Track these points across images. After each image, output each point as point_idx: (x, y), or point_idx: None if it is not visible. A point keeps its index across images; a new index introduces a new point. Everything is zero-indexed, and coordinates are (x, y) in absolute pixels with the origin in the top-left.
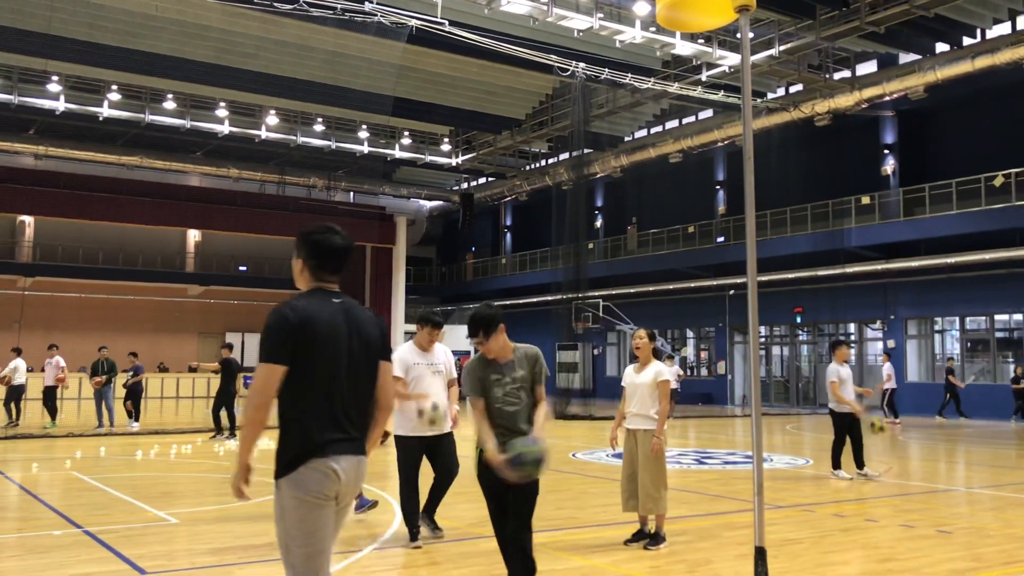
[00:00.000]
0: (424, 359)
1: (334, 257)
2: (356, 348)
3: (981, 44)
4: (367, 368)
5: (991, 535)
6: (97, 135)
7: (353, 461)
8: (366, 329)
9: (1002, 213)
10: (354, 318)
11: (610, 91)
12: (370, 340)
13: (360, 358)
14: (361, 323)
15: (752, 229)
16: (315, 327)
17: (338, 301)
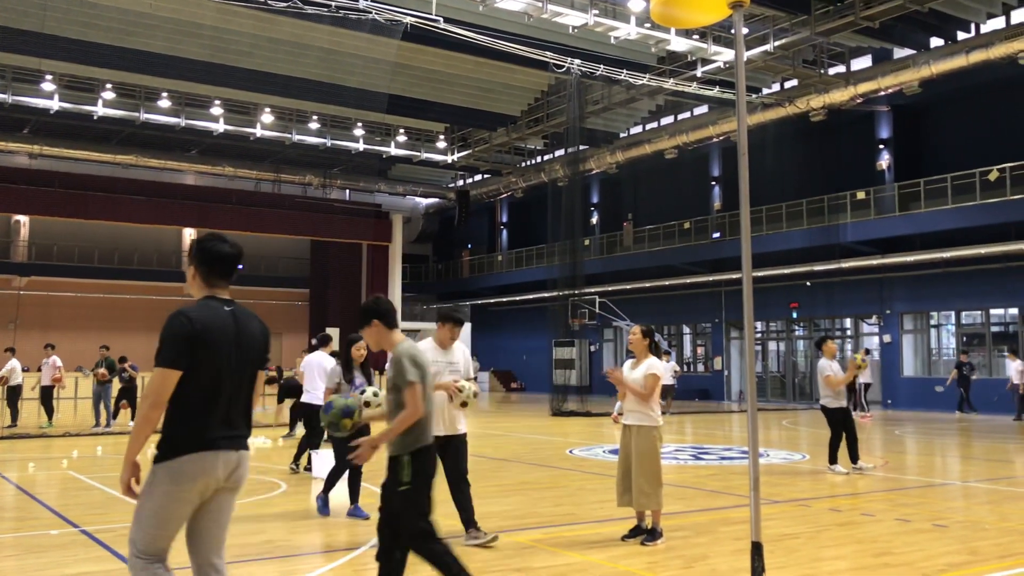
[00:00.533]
0: (443, 357)
1: (223, 264)
2: (241, 355)
3: (975, 38)
4: (250, 373)
5: (987, 529)
6: (92, 134)
7: (234, 456)
8: (253, 338)
9: (997, 207)
10: (243, 327)
11: (605, 87)
12: (254, 348)
13: (244, 364)
14: (248, 332)
15: (747, 225)
16: (209, 335)
17: (228, 309)
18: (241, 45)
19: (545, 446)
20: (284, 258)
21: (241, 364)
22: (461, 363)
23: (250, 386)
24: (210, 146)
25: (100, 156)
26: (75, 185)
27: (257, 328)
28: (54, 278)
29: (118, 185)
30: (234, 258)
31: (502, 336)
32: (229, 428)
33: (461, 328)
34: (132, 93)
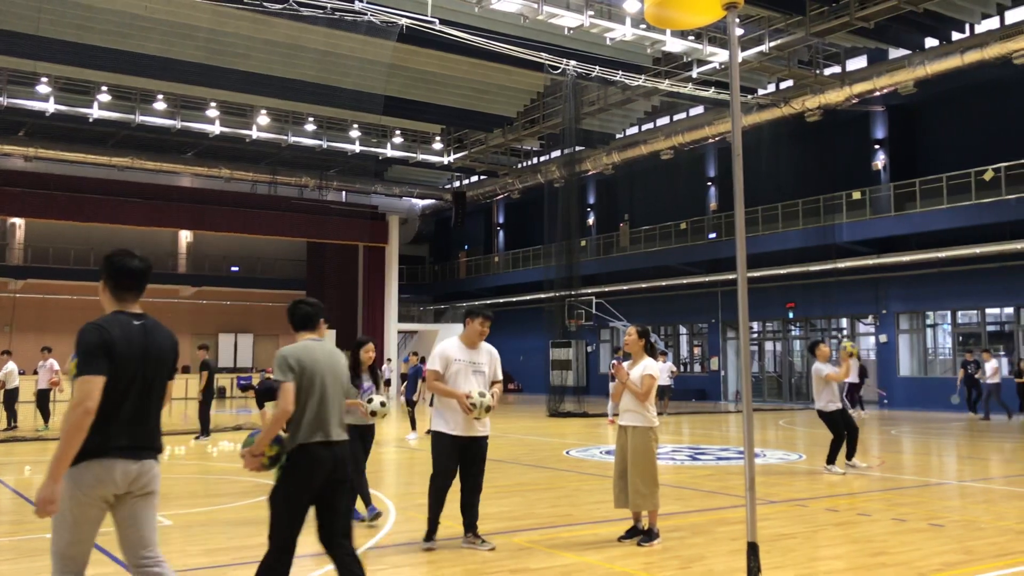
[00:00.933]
0: (467, 356)
1: (131, 279)
2: (149, 367)
3: (970, 39)
4: (158, 385)
5: (982, 528)
6: (87, 136)
7: (134, 466)
8: (161, 351)
9: (992, 207)
10: (152, 340)
11: (601, 88)
12: (163, 361)
13: (153, 376)
14: (158, 345)
15: (742, 226)
16: (116, 347)
17: (138, 323)
18: (237, 47)
19: (542, 447)
20: (280, 260)
21: (149, 376)
22: (487, 364)
23: (159, 398)
24: (206, 148)
25: (96, 158)
26: (71, 187)
27: (167, 341)
28: (50, 281)
29: (114, 187)
30: (142, 273)
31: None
32: (132, 438)
33: (490, 323)
34: (128, 95)
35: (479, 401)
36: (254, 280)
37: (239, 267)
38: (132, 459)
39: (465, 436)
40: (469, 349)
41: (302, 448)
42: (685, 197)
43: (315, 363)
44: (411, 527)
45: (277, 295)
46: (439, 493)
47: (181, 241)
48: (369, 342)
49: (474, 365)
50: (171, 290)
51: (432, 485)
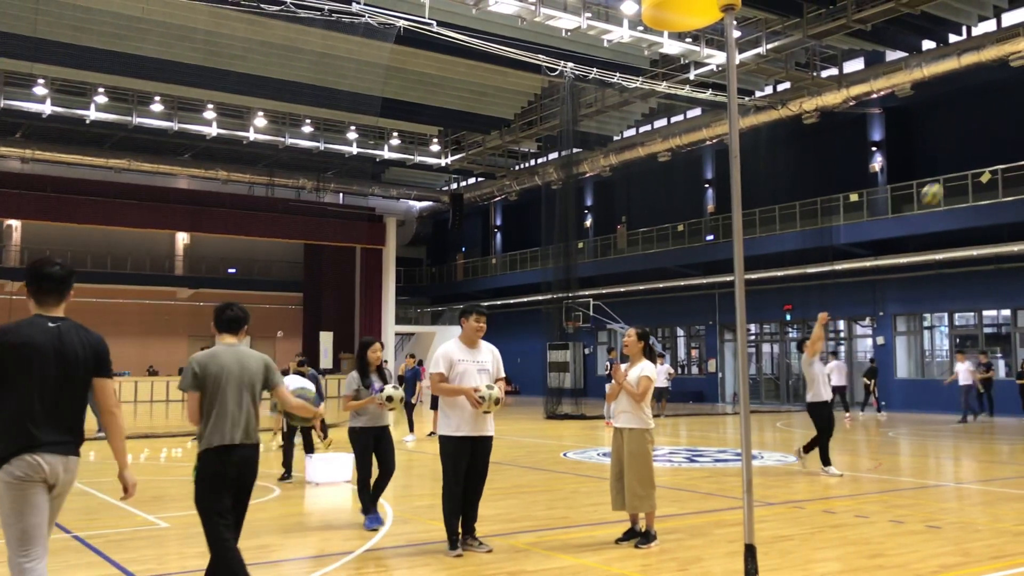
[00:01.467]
0: (470, 356)
1: (49, 283)
2: (63, 368)
3: (967, 41)
4: (76, 384)
5: (979, 530)
6: (84, 138)
7: (59, 459)
8: (75, 351)
9: (989, 209)
10: (66, 341)
11: (598, 90)
12: (77, 360)
13: (66, 376)
14: (72, 346)
15: (739, 228)
16: (24, 349)
17: (53, 326)
18: (234, 49)
19: (539, 449)
20: (278, 262)
21: (63, 376)
22: (491, 362)
23: (80, 396)
24: (203, 150)
25: (93, 160)
26: (67, 189)
27: (85, 342)
28: None
29: (111, 189)
30: (62, 279)
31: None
32: (53, 433)
33: (485, 319)
34: (124, 97)
35: (487, 394)
36: (251, 282)
37: (236, 269)
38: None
39: (471, 436)
40: (470, 349)
41: (205, 453)
42: (682, 199)
43: (221, 369)
44: (408, 529)
45: (274, 297)
46: (454, 499)
47: (178, 243)
48: (375, 342)
49: (478, 364)
50: (168, 292)
51: (445, 491)
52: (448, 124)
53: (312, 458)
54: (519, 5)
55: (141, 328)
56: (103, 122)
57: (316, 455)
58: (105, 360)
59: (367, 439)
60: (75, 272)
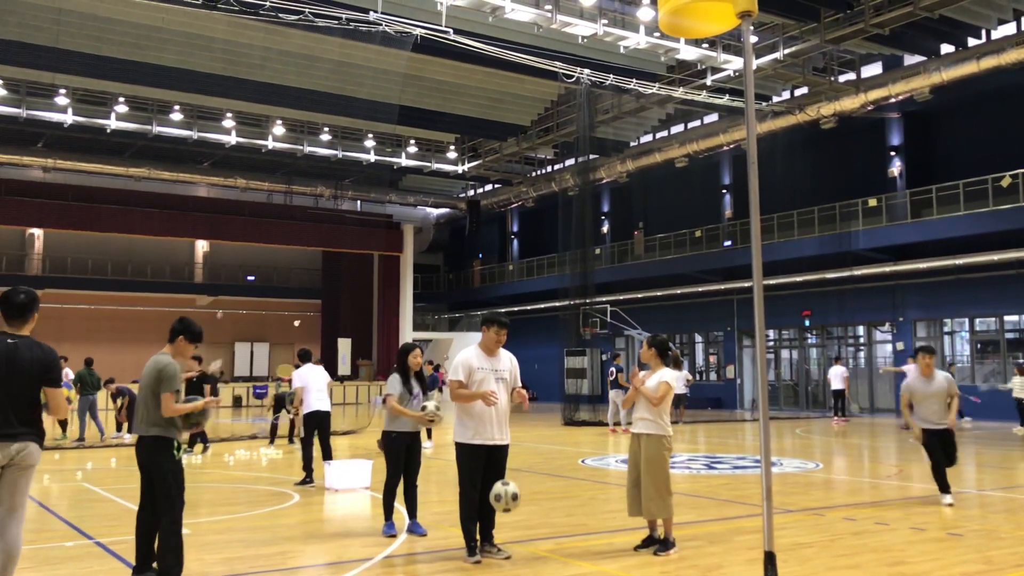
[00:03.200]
0: (488, 364)
1: (12, 310)
2: (13, 375)
3: (986, 45)
4: (26, 389)
5: (1002, 537)
6: (105, 147)
7: (12, 446)
8: (23, 364)
9: (1010, 213)
10: (16, 356)
11: (615, 96)
12: (24, 371)
13: (15, 383)
14: (20, 359)
15: (757, 234)
16: None
17: (11, 342)
18: (252, 58)
19: (557, 456)
20: (296, 269)
21: (12, 382)
22: (508, 371)
23: (28, 397)
24: (222, 158)
25: (113, 169)
26: (88, 198)
27: (36, 356)
28: (68, 290)
29: (131, 198)
30: (22, 305)
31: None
32: (6, 426)
33: (506, 331)
34: (144, 106)
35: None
36: (270, 289)
37: (255, 276)
38: (6, 440)
39: (488, 444)
40: (489, 357)
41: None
42: (700, 205)
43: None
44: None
45: (293, 304)
46: (470, 505)
47: (197, 251)
48: (416, 347)
49: (496, 372)
50: (188, 299)
51: (462, 497)
52: (465, 131)
53: (331, 464)
54: (535, 12)
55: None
56: (123, 131)
57: (336, 462)
58: (51, 371)
59: (401, 445)
60: (37, 299)
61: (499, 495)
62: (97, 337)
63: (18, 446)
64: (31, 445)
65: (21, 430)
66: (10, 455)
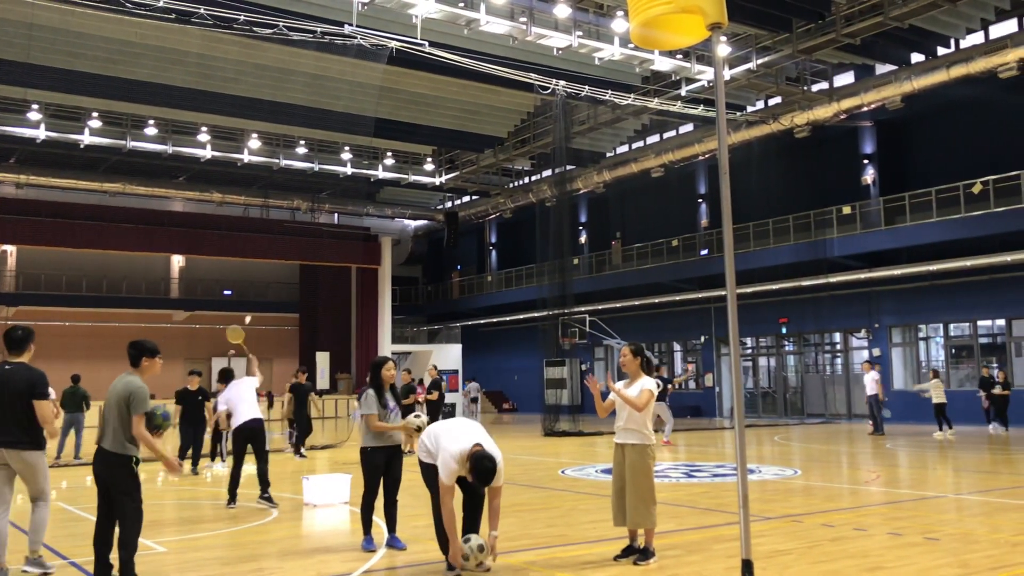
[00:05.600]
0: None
1: (10, 343)
2: (6, 393)
3: (955, 54)
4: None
5: (978, 541)
6: (78, 162)
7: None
8: (13, 384)
9: (982, 220)
10: (10, 378)
11: (591, 108)
12: (15, 389)
13: (8, 399)
14: (12, 380)
15: (730, 243)
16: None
17: (7, 368)
18: (227, 72)
19: (537, 467)
20: (273, 283)
21: (6, 398)
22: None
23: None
24: (197, 172)
25: (87, 184)
26: (62, 214)
27: (25, 377)
28: (42, 307)
29: (105, 213)
30: (19, 339)
31: (493, 357)
32: (4, 434)
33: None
34: (118, 121)
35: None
36: (247, 304)
37: (232, 291)
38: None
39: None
40: None
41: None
42: (676, 214)
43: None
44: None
45: (270, 318)
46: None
47: (173, 266)
48: (389, 360)
49: None
50: (164, 315)
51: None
52: (442, 143)
53: (310, 479)
54: (510, 24)
55: None
56: (97, 146)
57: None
58: (36, 387)
59: (379, 459)
60: (33, 334)
61: (466, 555)
62: (72, 354)
63: (15, 452)
64: (26, 452)
65: (16, 438)
66: (9, 459)
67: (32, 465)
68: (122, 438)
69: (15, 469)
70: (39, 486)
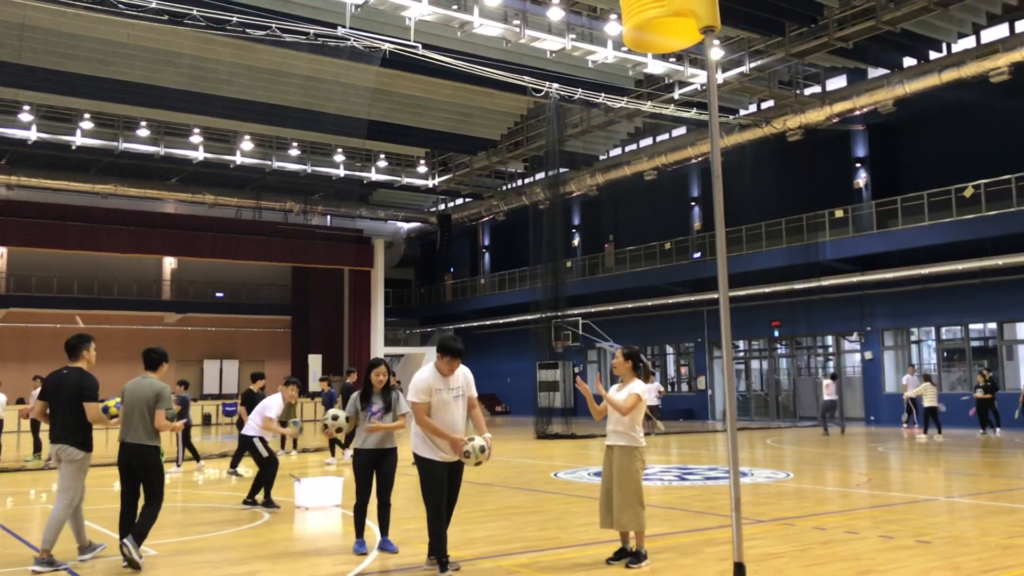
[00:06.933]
0: (444, 384)
1: (67, 349)
2: (60, 394)
3: (947, 58)
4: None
5: (969, 544)
6: (70, 164)
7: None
8: (65, 387)
9: (973, 223)
10: (63, 380)
11: (584, 110)
12: (67, 391)
13: (62, 399)
14: (65, 384)
15: (722, 246)
16: (47, 384)
17: (65, 372)
18: (220, 73)
19: (530, 470)
20: (265, 285)
21: (61, 399)
22: (462, 387)
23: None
24: (190, 174)
25: (79, 186)
26: (54, 215)
27: (75, 380)
28: (33, 309)
29: (97, 215)
30: (72, 346)
31: (486, 359)
32: (56, 431)
33: (459, 363)
34: (110, 122)
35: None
36: (239, 306)
37: (224, 293)
38: (52, 442)
39: (449, 461)
40: (444, 377)
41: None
42: (669, 217)
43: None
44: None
45: (262, 320)
46: (440, 520)
47: (165, 268)
48: (381, 364)
49: (453, 392)
50: (155, 317)
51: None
52: (435, 145)
53: (301, 482)
54: (504, 27)
55: (128, 354)
56: (89, 148)
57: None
58: (85, 390)
59: (365, 460)
60: (86, 340)
61: (468, 452)
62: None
63: (60, 447)
64: (70, 448)
65: (63, 435)
66: (61, 454)
67: (70, 462)
68: (151, 431)
69: (61, 462)
70: (64, 483)
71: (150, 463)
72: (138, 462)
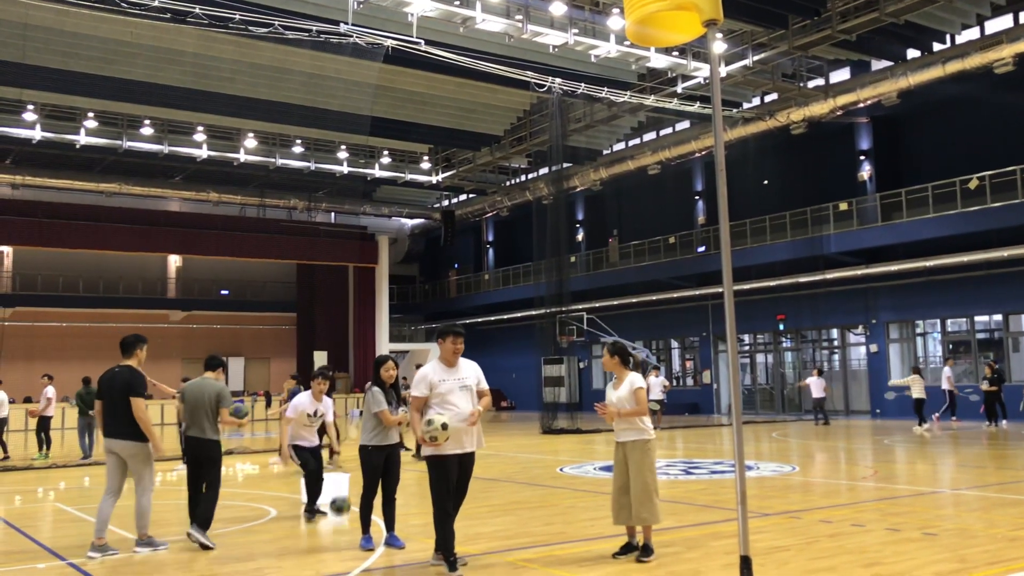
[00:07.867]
0: (451, 375)
1: (121, 347)
2: (112, 389)
3: (951, 49)
4: (117, 400)
5: (975, 536)
6: (74, 163)
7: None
8: (116, 382)
9: (978, 215)
10: (115, 377)
11: (587, 105)
12: (117, 387)
13: (112, 394)
14: (116, 381)
15: (727, 240)
16: (101, 381)
17: (118, 370)
18: (223, 71)
19: (535, 464)
20: (270, 283)
21: (112, 394)
22: (472, 378)
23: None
24: (194, 172)
25: (83, 185)
26: (58, 214)
27: (124, 378)
28: (39, 308)
29: (102, 213)
30: (126, 344)
31: (491, 355)
32: (111, 426)
33: (462, 339)
34: (114, 121)
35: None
36: (244, 303)
37: (229, 291)
38: (109, 437)
39: (458, 453)
40: (450, 368)
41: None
42: (673, 211)
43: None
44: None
45: (267, 317)
46: (447, 518)
47: (170, 266)
48: (389, 360)
49: (459, 381)
50: (161, 315)
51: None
52: (438, 142)
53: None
54: (506, 22)
55: None
56: (93, 146)
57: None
58: (131, 386)
59: (379, 458)
60: (139, 340)
61: (434, 436)
62: (69, 355)
63: (119, 442)
64: (122, 441)
65: (121, 430)
66: (114, 448)
67: (132, 455)
68: (215, 426)
69: (123, 457)
70: (138, 474)
71: (213, 455)
72: (203, 453)
